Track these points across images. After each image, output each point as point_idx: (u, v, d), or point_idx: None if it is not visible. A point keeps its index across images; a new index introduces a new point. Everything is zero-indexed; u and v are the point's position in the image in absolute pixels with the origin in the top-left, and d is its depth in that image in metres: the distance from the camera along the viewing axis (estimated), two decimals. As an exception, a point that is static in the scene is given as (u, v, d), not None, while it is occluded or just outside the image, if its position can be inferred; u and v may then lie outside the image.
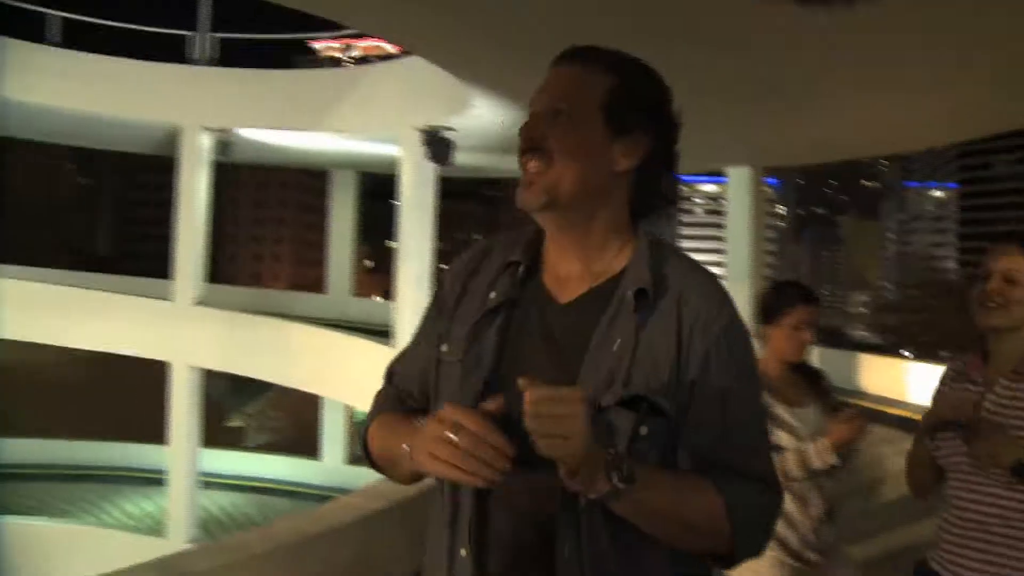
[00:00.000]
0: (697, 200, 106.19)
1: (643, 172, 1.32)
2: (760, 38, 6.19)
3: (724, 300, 1.29)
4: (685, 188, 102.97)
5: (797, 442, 2.49)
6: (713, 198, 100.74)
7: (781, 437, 2.50)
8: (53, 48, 13.15)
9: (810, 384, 2.70)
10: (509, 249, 1.37)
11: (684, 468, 1.23)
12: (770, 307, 2.71)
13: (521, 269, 1.34)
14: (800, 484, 2.50)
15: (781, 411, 2.55)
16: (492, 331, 1.29)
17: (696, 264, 1.34)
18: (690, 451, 1.23)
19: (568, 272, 1.32)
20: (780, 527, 2.51)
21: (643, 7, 5.84)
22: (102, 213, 62.58)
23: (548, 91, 1.33)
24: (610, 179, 1.31)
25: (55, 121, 13.70)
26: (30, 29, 13.39)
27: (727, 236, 13.02)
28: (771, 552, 2.51)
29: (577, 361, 1.23)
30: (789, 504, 2.48)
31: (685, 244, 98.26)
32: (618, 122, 1.30)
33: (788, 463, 2.46)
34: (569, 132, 1.30)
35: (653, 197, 1.35)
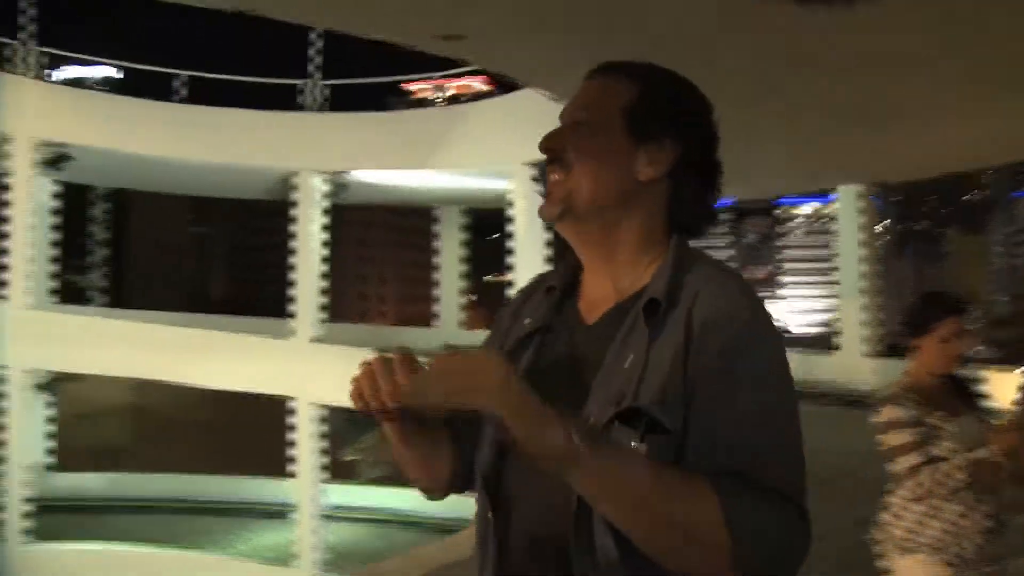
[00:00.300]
0: (796, 222, 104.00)
1: (675, 182, 1.25)
2: (870, 61, 6.17)
3: (740, 302, 1.17)
4: (783, 211, 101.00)
5: (960, 452, 2.47)
6: (813, 219, 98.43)
7: (942, 448, 2.48)
8: (179, 104, 13.90)
9: (963, 395, 2.67)
10: (553, 276, 1.33)
11: None
12: (919, 319, 2.69)
13: (556, 294, 1.30)
14: (966, 494, 2.48)
15: (939, 422, 2.53)
16: (524, 357, 1.25)
17: (720, 268, 1.23)
18: (693, 460, 1.09)
19: (599, 292, 1.26)
20: (948, 536, 2.49)
21: (761, 39, 5.88)
22: (214, 258, 65.02)
23: (573, 103, 1.30)
24: (634, 188, 1.25)
25: (176, 172, 14.46)
26: (158, 89, 14.24)
27: (838, 253, 12.85)
28: (938, 562, 2.49)
29: (593, 380, 1.16)
30: (957, 514, 2.46)
31: (786, 266, 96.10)
32: (640, 129, 1.24)
33: (952, 473, 2.44)
34: (588, 141, 1.26)
35: (688, 209, 1.27)
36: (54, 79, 15.06)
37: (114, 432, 22.37)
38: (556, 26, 6.11)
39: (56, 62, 14.61)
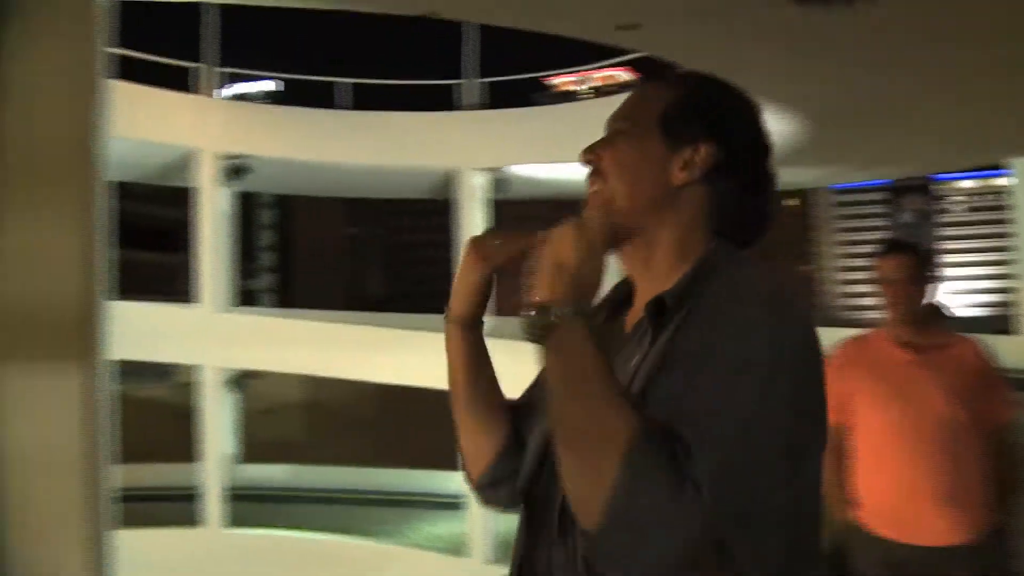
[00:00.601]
0: (959, 198, 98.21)
1: (712, 187, 1.23)
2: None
3: (743, 295, 1.11)
4: (942, 187, 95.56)
5: None
6: (979, 194, 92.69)
7: None
8: (343, 111, 14.41)
9: None
10: (615, 288, 1.33)
11: None
12: None
13: (606, 307, 1.31)
14: None
15: None
16: None
17: (748, 270, 1.17)
18: None
19: (641, 300, 1.24)
20: None
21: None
22: (369, 257, 67.07)
23: (614, 114, 1.31)
24: (669, 194, 1.23)
25: (338, 176, 14.99)
26: (319, 97, 14.83)
27: (1014, 230, 12.05)
28: None
29: None
30: None
31: (948, 244, 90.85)
32: (674, 134, 1.24)
33: None
34: (623, 149, 1.26)
35: (729, 214, 1.24)
36: (223, 95, 15.88)
37: (293, 426, 23.43)
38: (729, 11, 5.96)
39: (224, 79, 15.38)
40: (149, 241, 41.80)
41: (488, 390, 1.38)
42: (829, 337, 1.47)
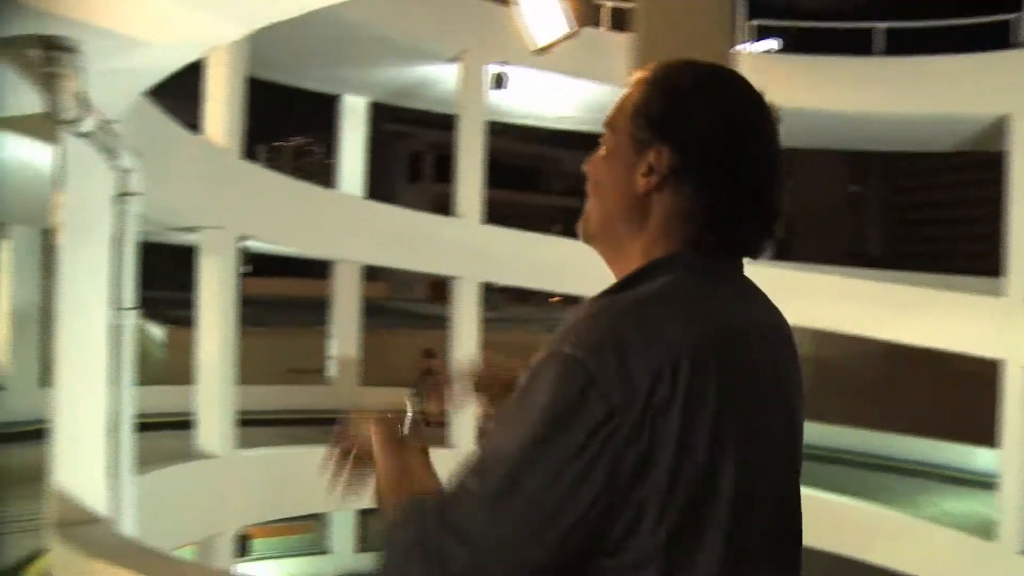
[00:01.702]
0: None
1: (673, 192, 1.13)
2: None
3: (571, 330, 1.04)
4: None
5: None
6: None
7: None
8: (876, 58, 13.57)
9: None
10: None
11: None
12: None
13: None
14: None
15: None
16: None
17: (622, 292, 1.11)
18: None
19: None
20: None
21: None
22: (871, 214, 63.51)
23: (604, 120, 1.23)
24: (636, 203, 1.16)
25: (847, 128, 14.17)
26: (853, 44, 14.08)
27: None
28: None
29: None
30: None
31: None
32: (638, 139, 1.15)
33: None
34: (596, 164, 1.22)
35: (692, 221, 1.13)
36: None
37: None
38: None
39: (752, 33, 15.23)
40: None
41: None
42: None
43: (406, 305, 29.95)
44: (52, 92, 4.05)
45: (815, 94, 12.71)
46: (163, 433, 9.33)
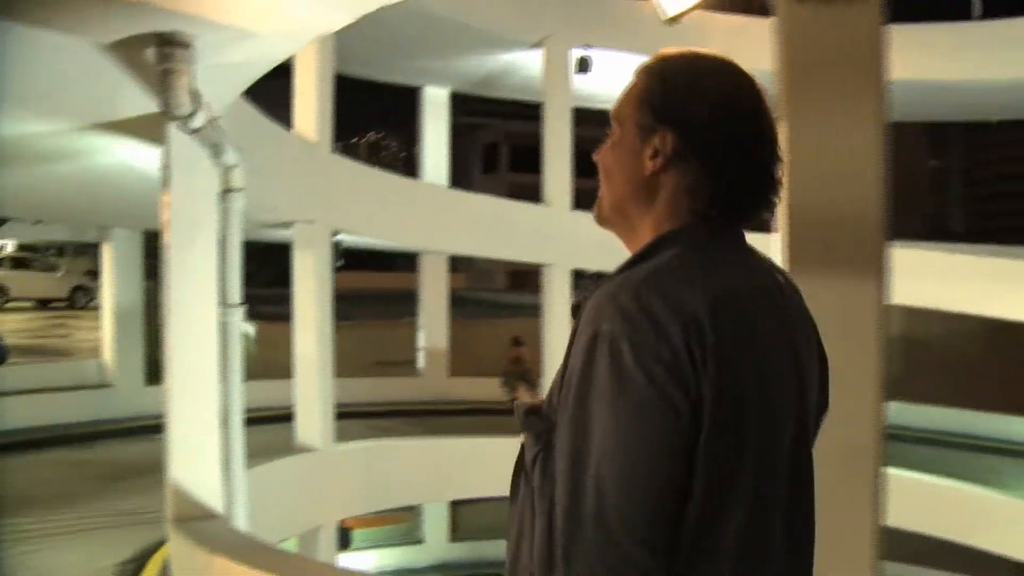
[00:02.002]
0: None
1: (682, 171, 1.22)
2: None
3: (598, 309, 1.11)
4: None
5: None
6: None
7: None
8: (975, 23, 12.96)
9: None
10: None
11: None
12: None
13: None
14: None
15: None
16: None
17: (636, 267, 1.19)
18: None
19: None
20: None
21: None
22: (951, 188, 61.39)
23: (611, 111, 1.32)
24: (644, 184, 1.25)
25: (931, 98, 13.56)
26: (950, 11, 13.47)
27: None
28: None
29: None
30: None
31: None
32: (643, 125, 1.25)
33: None
34: (606, 153, 1.30)
35: (698, 198, 1.22)
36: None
37: (890, 362, 22.36)
38: None
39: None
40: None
41: None
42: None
43: (486, 295, 30.06)
44: (166, 89, 4.02)
45: (906, 64, 12.20)
46: (260, 428, 9.44)
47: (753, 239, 1.28)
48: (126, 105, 5.37)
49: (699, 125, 1.22)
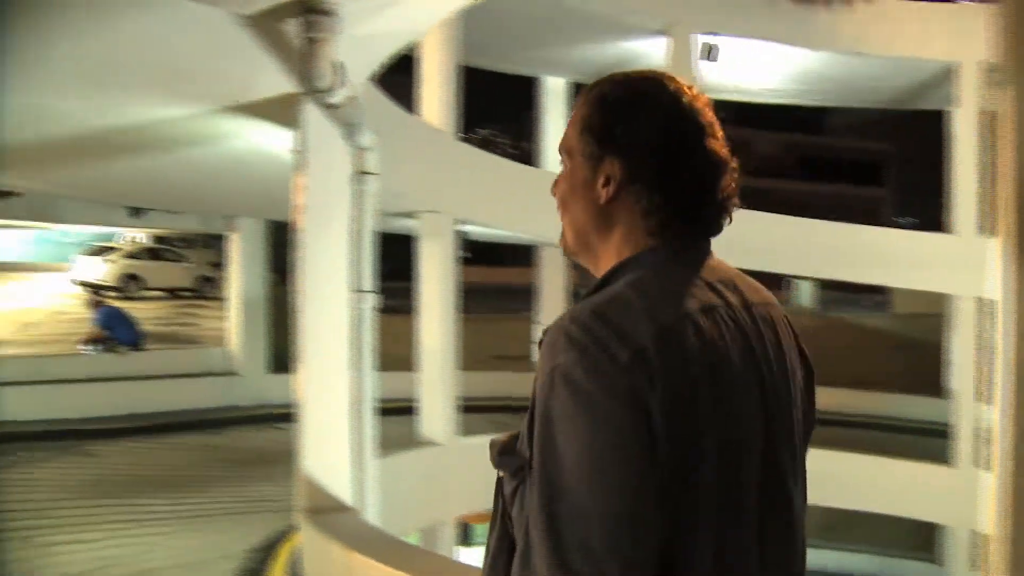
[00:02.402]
0: None
1: (635, 194, 1.22)
2: None
3: (553, 344, 1.11)
4: None
5: None
6: None
7: None
8: None
9: None
10: None
11: None
12: None
13: None
14: None
15: None
16: None
17: (589, 299, 1.17)
18: None
19: None
20: None
21: None
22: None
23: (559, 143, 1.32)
24: (601, 212, 1.25)
25: None
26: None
27: None
28: None
29: None
30: None
31: None
32: (589, 155, 1.25)
33: None
34: (560, 185, 1.30)
35: (653, 219, 1.22)
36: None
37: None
38: None
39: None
40: (853, 174, 41.24)
41: None
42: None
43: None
44: (308, 61, 3.80)
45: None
46: (382, 420, 9.32)
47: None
48: (261, 85, 5.22)
49: (642, 148, 1.22)
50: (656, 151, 1.22)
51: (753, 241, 12.02)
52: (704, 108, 1.25)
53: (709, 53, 11.96)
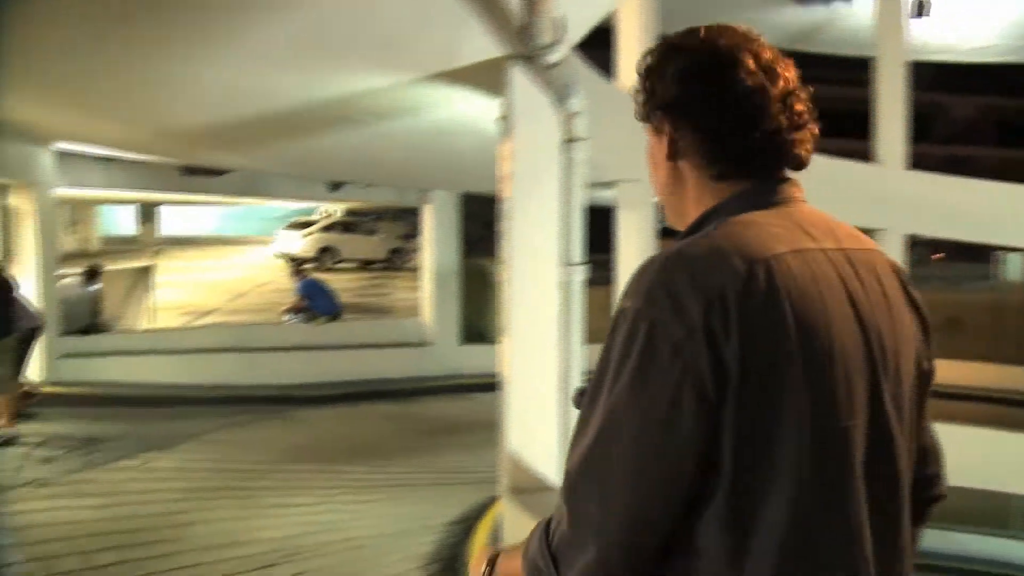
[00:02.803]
0: None
1: (696, 151, 1.26)
2: None
3: (628, 286, 1.15)
4: None
5: None
6: None
7: None
8: None
9: None
10: None
11: None
12: None
13: None
14: None
15: None
16: None
17: (675, 244, 1.17)
18: None
19: None
20: None
21: None
22: None
23: None
24: (673, 174, 1.29)
25: None
26: None
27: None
28: None
29: None
30: None
31: None
32: (648, 122, 1.31)
33: None
34: (647, 153, 1.35)
35: (714, 166, 1.25)
36: None
37: None
38: None
39: None
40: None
41: None
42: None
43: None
44: (531, 13, 3.53)
45: None
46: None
47: None
48: (469, 50, 5.04)
49: (676, 97, 1.25)
50: (687, 102, 1.24)
51: (961, 209, 10.95)
52: (742, 44, 1.23)
53: (920, 9, 10.87)
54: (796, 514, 1.06)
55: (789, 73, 1.25)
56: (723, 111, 1.22)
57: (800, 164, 1.26)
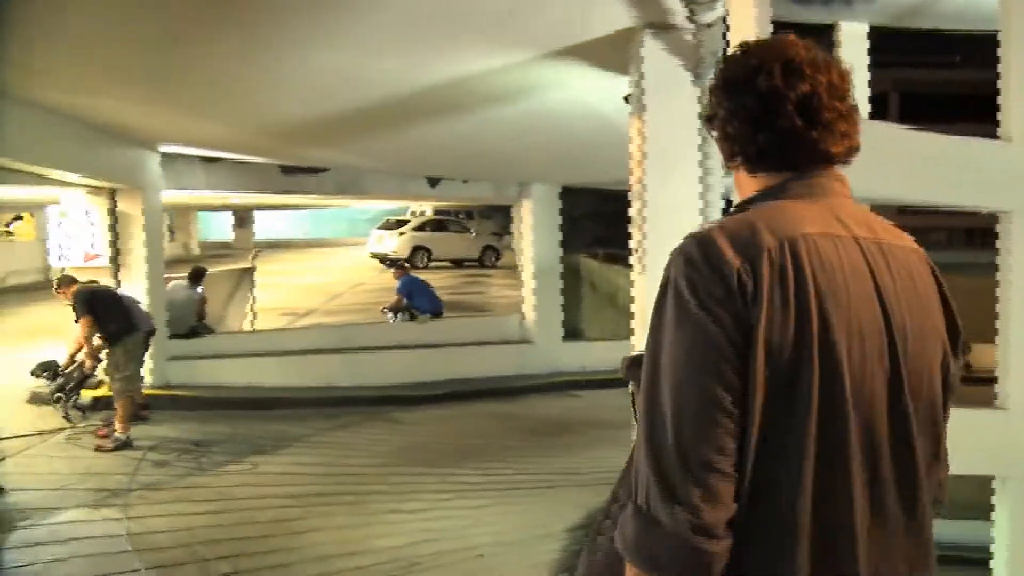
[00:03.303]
0: None
1: (735, 148, 1.37)
2: None
3: (671, 257, 1.25)
4: None
5: None
6: None
7: None
8: None
9: None
10: None
11: None
12: None
13: None
14: None
15: None
16: None
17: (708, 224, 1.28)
18: None
19: None
20: None
21: None
22: None
23: None
24: (734, 172, 1.41)
25: None
26: None
27: None
28: None
29: None
30: None
31: None
32: (708, 122, 1.42)
33: None
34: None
35: (757, 165, 1.35)
36: None
37: None
38: None
39: None
40: None
41: None
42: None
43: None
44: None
45: None
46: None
47: None
48: (595, 21, 4.58)
49: (719, 111, 1.37)
50: (726, 109, 1.35)
51: None
52: (771, 55, 1.30)
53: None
54: (815, 485, 1.16)
55: (823, 76, 1.29)
56: (731, 117, 1.35)
57: (829, 159, 1.31)
